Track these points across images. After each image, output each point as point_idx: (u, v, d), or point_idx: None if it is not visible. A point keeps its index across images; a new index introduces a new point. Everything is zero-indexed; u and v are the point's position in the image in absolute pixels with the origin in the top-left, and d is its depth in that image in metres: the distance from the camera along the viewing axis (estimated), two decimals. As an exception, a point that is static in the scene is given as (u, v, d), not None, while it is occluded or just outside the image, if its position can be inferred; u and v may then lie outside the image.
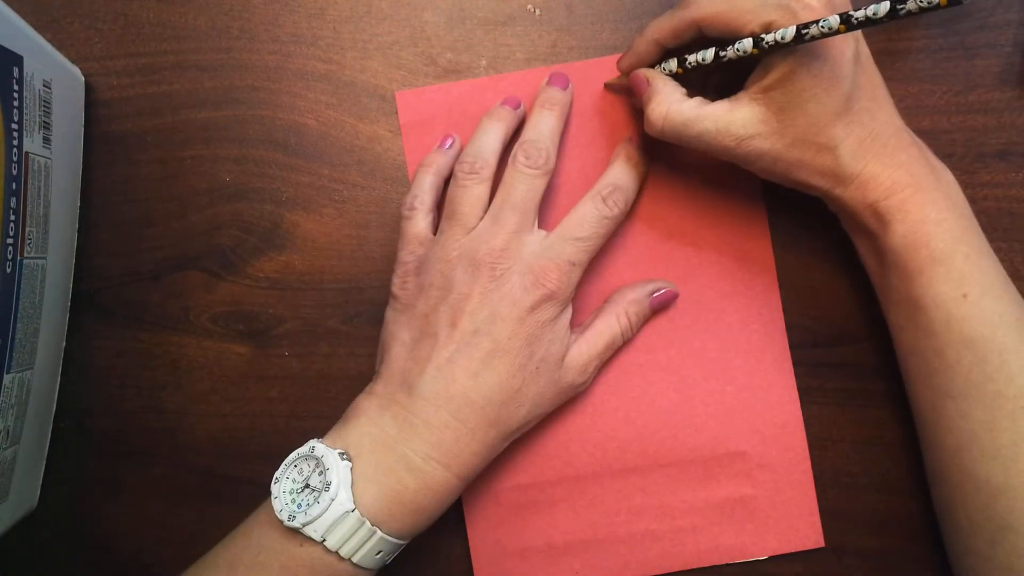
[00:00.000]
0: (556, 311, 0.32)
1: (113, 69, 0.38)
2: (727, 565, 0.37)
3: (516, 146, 0.34)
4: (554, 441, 0.37)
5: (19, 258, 0.32)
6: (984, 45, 0.37)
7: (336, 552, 0.29)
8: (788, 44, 0.29)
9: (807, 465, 0.37)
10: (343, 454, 0.30)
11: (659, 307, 0.37)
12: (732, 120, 0.31)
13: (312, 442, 0.31)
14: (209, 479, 0.38)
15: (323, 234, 0.38)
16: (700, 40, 0.32)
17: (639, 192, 0.36)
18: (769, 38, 0.29)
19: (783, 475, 0.37)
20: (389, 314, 0.34)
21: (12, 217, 0.32)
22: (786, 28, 0.28)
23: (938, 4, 0.25)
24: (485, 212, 0.33)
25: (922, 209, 0.30)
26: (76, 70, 0.38)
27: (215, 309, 0.38)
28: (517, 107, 0.36)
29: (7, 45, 0.31)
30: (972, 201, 0.37)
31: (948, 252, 0.30)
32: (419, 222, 0.35)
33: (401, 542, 0.31)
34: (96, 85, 0.38)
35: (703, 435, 0.37)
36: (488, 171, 0.34)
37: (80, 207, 0.38)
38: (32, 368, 0.35)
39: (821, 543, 0.37)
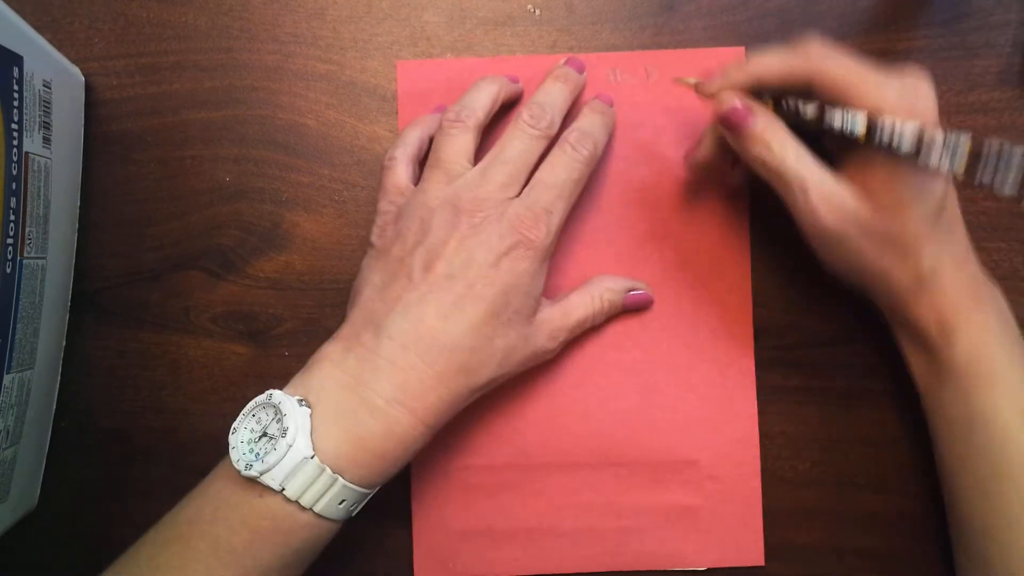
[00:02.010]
0: (532, 262, 0.31)
1: (113, 69, 0.38)
2: (717, 570, 0.37)
3: (523, 106, 0.33)
4: (510, 427, 0.37)
5: (19, 258, 0.32)
6: (984, 45, 0.37)
7: (296, 502, 0.28)
8: (900, 152, 0.28)
9: (757, 483, 0.37)
10: (302, 400, 0.29)
11: (632, 306, 0.37)
12: (834, 192, 0.30)
13: (271, 390, 0.30)
14: (209, 479, 0.38)
15: (323, 234, 0.38)
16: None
17: (609, 143, 0.36)
18: (885, 136, 0.28)
19: (732, 489, 0.37)
20: (364, 261, 0.34)
21: (12, 217, 0.32)
22: (905, 130, 0.28)
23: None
24: (469, 162, 0.33)
25: (986, 325, 0.31)
26: (76, 70, 0.38)
27: (215, 309, 0.38)
28: (516, 82, 0.37)
29: (7, 45, 0.31)
30: (972, 201, 0.37)
31: (1009, 370, 0.30)
32: (400, 172, 0.34)
33: (365, 491, 0.30)
34: (96, 85, 0.38)
35: (659, 440, 0.37)
36: (474, 121, 0.34)
37: (80, 207, 0.38)
38: (32, 368, 0.35)
39: (761, 561, 0.37)
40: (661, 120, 0.37)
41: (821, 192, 0.30)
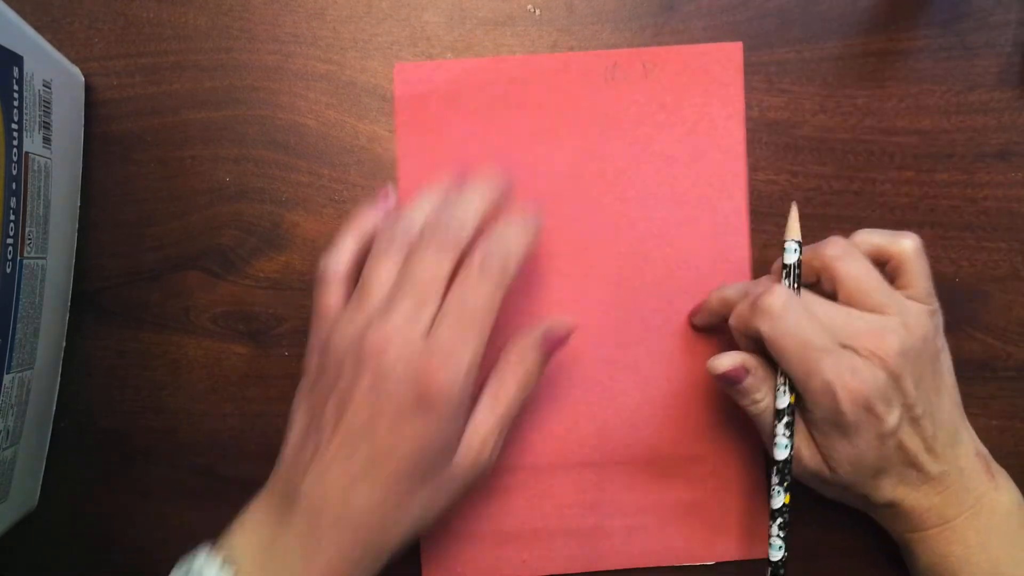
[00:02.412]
0: (441, 415, 0.29)
1: (113, 69, 0.38)
2: (724, 563, 0.37)
3: (430, 215, 0.31)
4: (513, 429, 0.37)
5: (19, 258, 0.32)
6: (984, 45, 0.37)
7: None
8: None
9: (761, 475, 0.37)
10: (225, 561, 0.29)
11: (554, 347, 0.33)
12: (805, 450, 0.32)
13: (199, 550, 0.30)
14: (209, 479, 0.38)
15: (323, 234, 0.38)
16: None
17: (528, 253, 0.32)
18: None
19: (738, 483, 0.37)
20: (299, 387, 0.32)
21: (12, 217, 0.32)
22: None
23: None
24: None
25: (947, 546, 0.31)
26: (76, 70, 0.38)
27: (215, 309, 0.38)
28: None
29: (7, 45, 0.31)
30: (972, 201, 0.37)
31: None
32: (332, 293, 0.32)
33: None
34: (96, 85, 0.38)
35: (662, 436, 0.37)
36: (408, 246, 0.31)
37: (80, 207, 0.38)
38: (32, 368, 0.35)
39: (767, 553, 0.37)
40: (660, 117, 0.37)
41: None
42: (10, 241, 0.32)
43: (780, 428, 0.31)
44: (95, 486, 0.38)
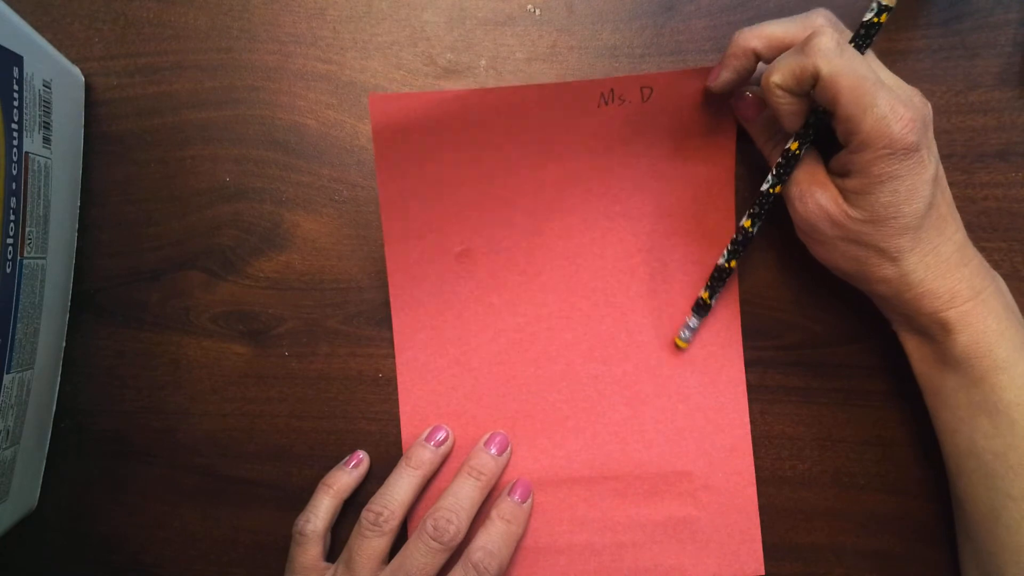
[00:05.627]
0: None
1: (113, 69, 0.38)
2: (727, 565, 0.37)
3: (429, 513, 0.34)
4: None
5: (19, 258, 0.32)
6: (984, 45, 0.37)
7: None
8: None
9: (752, 491, 0.37)
10: None
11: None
12: (814, 184, 0.32)
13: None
14: (209, 479, 0.38)
15: (323, 234, 0.38)
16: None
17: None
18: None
19: (728, 499, 0.37)
20: None
21: (12, 217, 0.32)
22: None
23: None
24: (381, 564, 0.34)
25: (984, 320, 0.31)
26: (76, 70, 0.38)
27: (215, 309, 0.38)
28: (442, 444, 0.36)
29: (7, 45, 0.31)
30: (972, 201, 0.37)
31: (1011, 361, 0.31)
32: (309, 550, 0.35)
33: None
34: (96, 85, 0.38)
35: (651, 451, 0.37)
36: (393, 524, 0.34)
37: (80, 207, 0.38)
38: (32, 368, 0.35)
39: (761, 571, 0.37)
40: (649, 135, 0.37)
41: (802, 180, 0.32)
42: (10, 241, 0.32)
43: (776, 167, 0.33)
44: (95, 486, 0.38)
